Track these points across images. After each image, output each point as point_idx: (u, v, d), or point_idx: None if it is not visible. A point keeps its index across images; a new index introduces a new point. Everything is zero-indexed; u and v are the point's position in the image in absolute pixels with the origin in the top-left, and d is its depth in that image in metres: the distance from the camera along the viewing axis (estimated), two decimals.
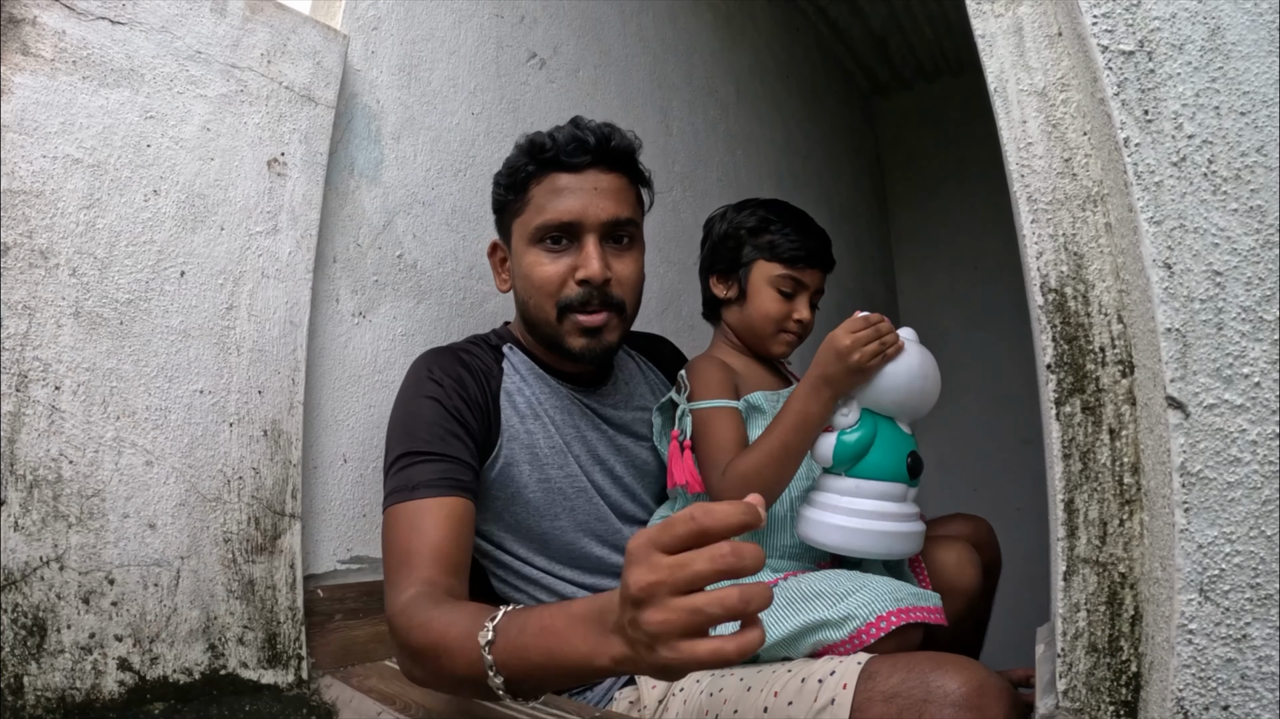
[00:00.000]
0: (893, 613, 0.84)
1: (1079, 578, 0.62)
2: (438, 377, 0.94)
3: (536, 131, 0.99)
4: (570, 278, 0.95)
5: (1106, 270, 0.64)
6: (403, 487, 0.87)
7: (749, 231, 1.10)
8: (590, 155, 0.95)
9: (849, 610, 0.85)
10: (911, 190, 3.54)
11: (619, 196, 0.97)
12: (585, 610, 0.60)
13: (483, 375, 0.98)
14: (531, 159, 0.96)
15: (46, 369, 0.77)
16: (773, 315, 1.08)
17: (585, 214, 0.94)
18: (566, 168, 0.95)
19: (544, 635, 0.62)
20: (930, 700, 0.70)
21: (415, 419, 0.92)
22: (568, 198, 0.94)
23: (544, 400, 1.02)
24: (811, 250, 1.08)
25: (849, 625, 0.84)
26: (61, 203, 0.80)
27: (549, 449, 1.00)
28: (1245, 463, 0.53)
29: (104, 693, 0.77)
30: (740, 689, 0.84)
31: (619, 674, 0.67)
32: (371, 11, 1.19)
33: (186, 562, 0.86)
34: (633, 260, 0.99)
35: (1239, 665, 0.53)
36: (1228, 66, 0.56)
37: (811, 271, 1.09)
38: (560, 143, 0.95)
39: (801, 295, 1.09)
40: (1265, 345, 0.53)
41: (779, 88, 2.60)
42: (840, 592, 0.87)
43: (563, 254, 0.96)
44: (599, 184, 0.95)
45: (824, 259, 1.11)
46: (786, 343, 1.10)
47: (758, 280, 1.09)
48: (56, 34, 0.81)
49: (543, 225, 0.95)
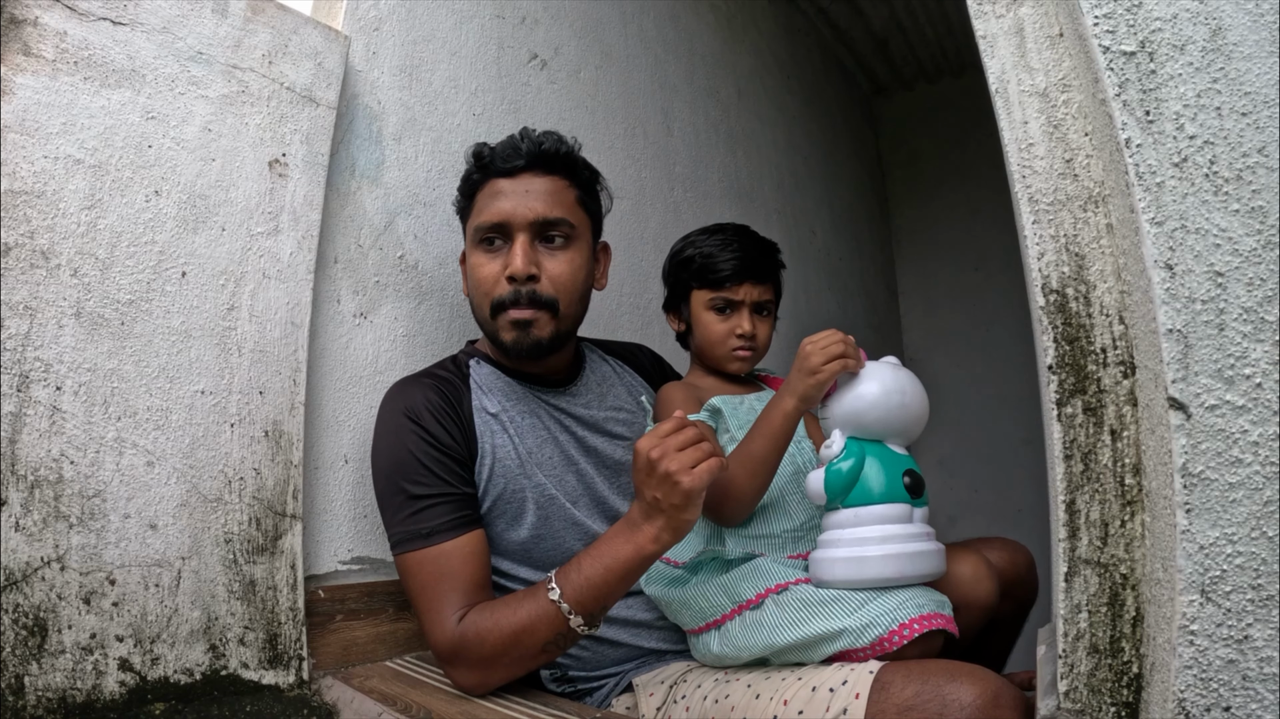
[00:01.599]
0: (915, 620, 0.83)
1: (1080, 579, 0.62)
2: (415, 412, 0.96)
3: (481, 143, 1.04)
4: (502, 276, 1.00)
5: (1108, 271, 0.64)
6: (416, 534, 0.91)
7: (679, 265, 1.13)
8: (523, 160, 1.01)
9: (870, 618, 0.84)
10: (912, 191, 3.54)
11: (551, 198, 1.01)
12: (615, 528, 0.86)
13: (454, 398, 1.00)
14: (476, 167, 1.04)
15: (48, 369, 0.77)
16: (714, 337, 1.10)
17: (514, 214, 0.99)
18: (502, 173, 1.01)
19: (596, 561, 0.84)
20: (945, 714, 0.70)
21: (406, 461, 0.94)
22: (501, 200, 1.00)
23: (511, 408, 1.03)
24: (735, 267, 1.08)
25: (870, 633, 0.83)
26: (63, 203, 0.80)
27: (521, 461, 1.01)
28: (1247, 464, 0.53)
29: (105, 693, 0.77)
30: (749, 696, 0.84)
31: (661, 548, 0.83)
32: (373, 12, 1.19)
33: (187, 562, 0.86)
34: (566, 260, 1.02)
35: (1240, 666, 0.53)
36: (1229, 67, 0.56)
37: (743, 286, 1.08)
38: (497, 151, 1.02)
39: (739, 311, 1.09)
40: (1267, 346, 0.53)
41: (780, 88, 2.60)
42: (860, 597, 0.86)
43: (497, 254, 1.01)
44: (530, 187, 1.01)
45: (752, 271, 1.09)
46: (741, 358, 1.10)
47: (696, 308, 1.11)
48: (58, 35, 0.81)
49: (479, 226, 1.01)
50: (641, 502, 0.83)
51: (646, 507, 0.82)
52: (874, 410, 0.90)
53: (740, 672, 0.90)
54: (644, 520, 0.83)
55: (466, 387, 1.03)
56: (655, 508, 0.81)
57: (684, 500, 0.79)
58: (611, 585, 0.84)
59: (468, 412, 1.00)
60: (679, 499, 0.79)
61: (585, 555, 0.86)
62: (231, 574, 0.89)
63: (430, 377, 1.02)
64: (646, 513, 0.82)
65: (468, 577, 0.90)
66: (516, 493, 1.00)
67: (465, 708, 0.86)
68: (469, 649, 0.86)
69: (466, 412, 1.00)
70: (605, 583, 0.84)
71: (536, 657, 0.88)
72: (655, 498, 0.80)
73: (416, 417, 0.96)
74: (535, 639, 0.85)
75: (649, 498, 0.81)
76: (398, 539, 0.93)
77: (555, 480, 1.03)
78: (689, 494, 0.78)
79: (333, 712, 0.90)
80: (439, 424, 0.96)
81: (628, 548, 0.83)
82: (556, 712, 0.86)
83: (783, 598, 0.90)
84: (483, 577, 0.92)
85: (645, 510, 0.82)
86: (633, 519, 0.84)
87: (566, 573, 0.86)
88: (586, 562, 0.85)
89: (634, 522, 0.84)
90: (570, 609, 0.84)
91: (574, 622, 0.84)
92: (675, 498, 0.79)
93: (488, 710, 0.85)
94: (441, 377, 1.02)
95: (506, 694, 0.90)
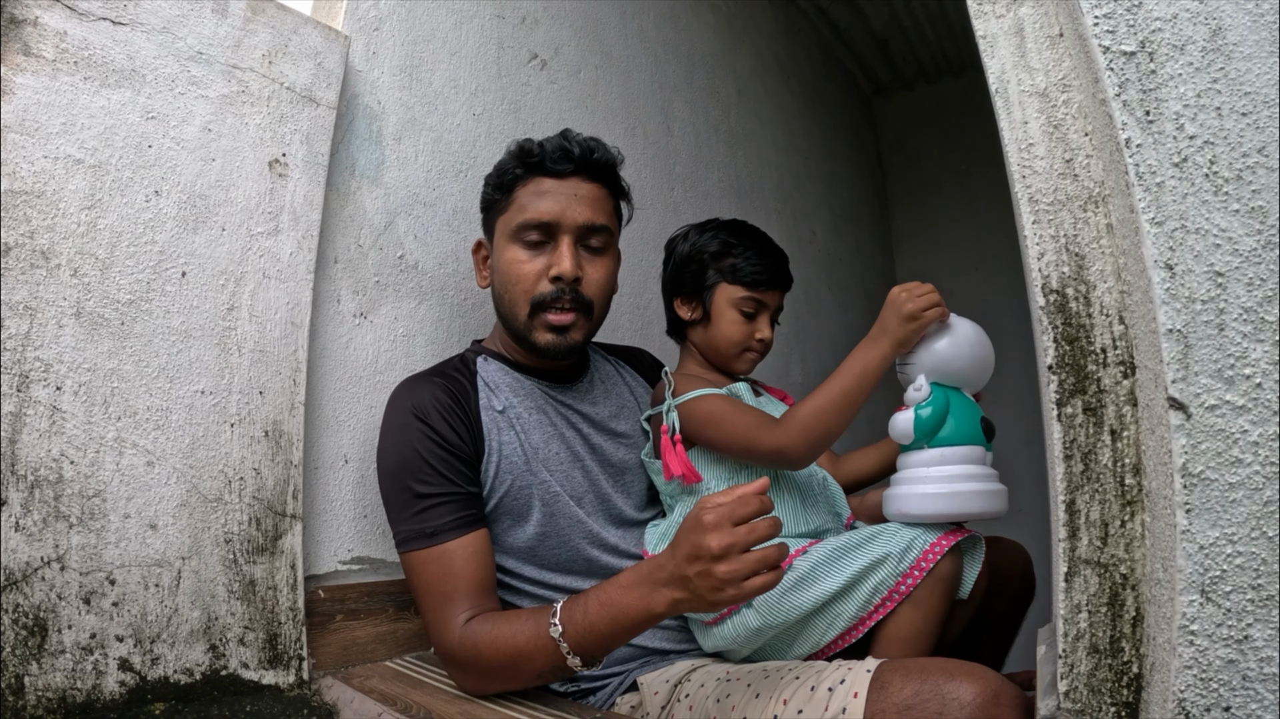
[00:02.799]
0: (943, 538, 0.91)
1: (1080, 579, 0.62)
2: (423, 410, 0.96)
3: (527, 139, 1.04)
4: (544, 275, 1.00)
5: (1108, 271, 0.64)
6: (421, 534, 0.91)
7: (711, 256, 1.12)
8: (573, 164, 1.01)
9: (907, 542, 0.91)
10: (912, 191, 3.54)
11: (596, 205, 1.03)
12: (633, 578, 0.81)
13: (461, 397, 1.00)
14: (520, 163, 1.03)
15: (48, 369, 0.77)
16: (736, 337, 1.11)
17: (563, 215, 1.00)
18: (551, 173, 1.01)
19: (605, 609, 0.81)
20: (945, 713, 0.70)
21: (412, 460, 0.94)
22: (548, 200, 1.00)
23: (517, 404, 1.03)
24: (773, 273, 1.11)
25: (911, 554, 0.91)
26: (63, 203, 0.80)
27: (527, 458, 1.01)
28: (1247, 464, 0.53)
29: (105, 693, 0.77)
30: (748, 696, 0.84)
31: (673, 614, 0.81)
32: (373, 12, 1.19)
33: (187, 562, 0.86)
34: (603, 266, 1.04)
35: (1240, 666, 0.53)
36: (1229, 67, 0.56)
37: (772, 293, 1.13)
38: (548, 150, 1.01)
39: (763, 315, 1.12)
40: (1267, 346, 0.53)
41: (780, 88, 2.60)
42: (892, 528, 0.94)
43: (539, 253, 1.01)
44: (578, 191, 1.02)
45: (784, 280, 1.14)
46: (750, 361, 1.14)
47: (720, 303, 1.11)
48: (58, 35, 0.81)
49: (524, 223, 1.00)
50: (676, 566, 0.77)
51: (679, 578, 0.77)
52: (959, 360, 0.97)
53: (741, 671, 0.90)
54: (667, 586, 0.78)
55: (474, 386, 1.03)
56: (686, 585, 0.76)
57: (722, 601, 0.75)
58: (616, 637, 0.82)
59: (475, 411, 1.00)
60: (716, 599, 0.75)
61: (596, 598, 0.82)
62: (231, 574, 0.89)
63: (439, 375, 1.02)
64: (674, 582, 0.78)
65: (470, 576, 0.90)
66: (523, 490, 1.00)
67: (465, 708, 0.86)
68: (466, 658, 0.87)
69: (474, 411, 1.00)
70: (610, 634, 0.81)
71: (532, 680, 0.87)
72: (690, 578, 0.75)
73: (424, 415, 0.96)
74: (531, 666, 0.85)
75: (686, 573, 0.76)
76: (403, 538, 0.93)
77: (561, 478, 1.03)
78: (730, 601, 0.74)
79: (333, 712, 0.90)
80: (446, 423, 0.96)
81: (639, 606, 0.80)
82: (556, 712, 0.86)
83: (809, 555, 0.96)
84: (486, 576, 0.92)
85: (674, 579, 0.77)
86: (657, 577, 0.79)
87: (572, 611, 0.83)
88: (595, 606, 0.82)
89: (656, 581, 0.79)
90: (570, 650, 0.82)
91: (571, 661, 0.83)
92: (712, 596, 0.75)
93: (488, 710, 0.85)
94: (449, 375, 1.02)
95: (506, 694, 0.90)
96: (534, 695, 0.91)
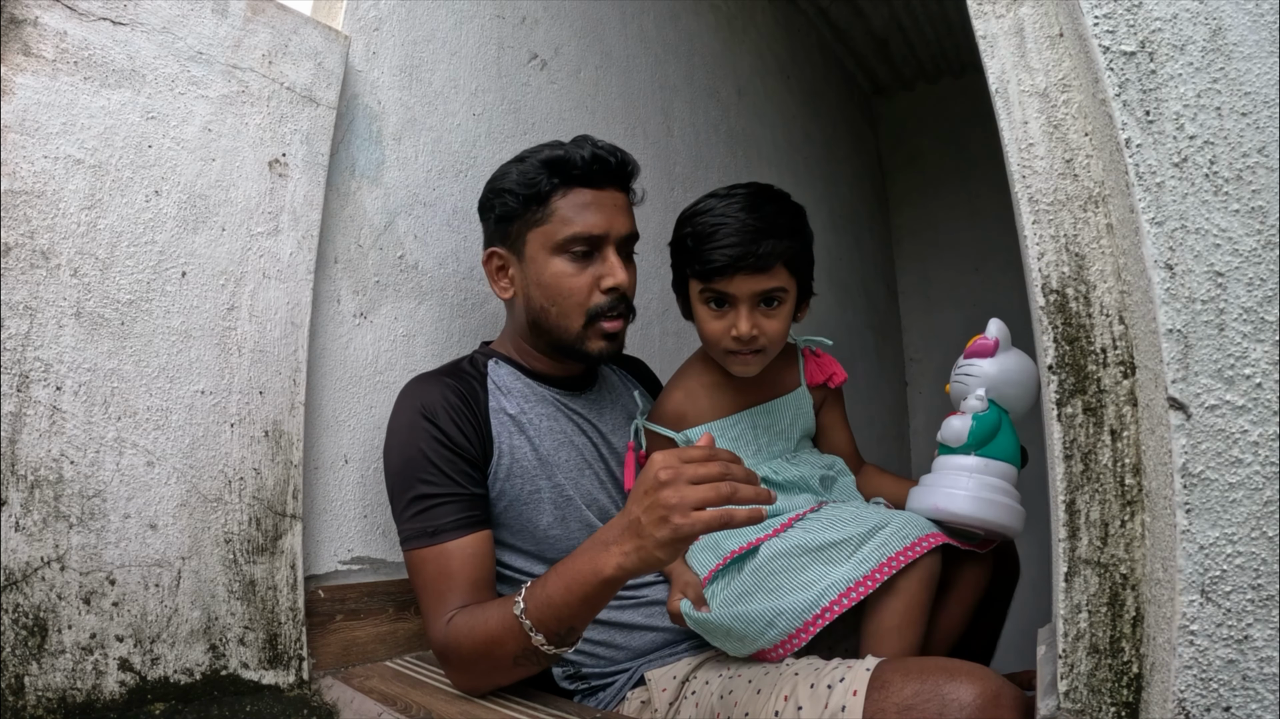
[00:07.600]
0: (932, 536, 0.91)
1: (1080, 579, 0.62)
2: (431, 410, 0.96)
3: (552, 146, 1.02)
4: (595, 287, 1.01)
5: (1108, 271, 0.64)
6: (423, 532, 0.92)
7: (674, 247, 1.03)
8: (611, 175, 1.03)
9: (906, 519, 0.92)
10: (912, 191, 3.54)
11: (629, 214, 1.05)
12: (587, 544, 0.80)
13: (471, 398, 1.00)
14: (556, 173, 1.00)
15: (48, 369, 0.77)
16: (708, 336, 1.00)
17: (611, 228, 1.01)
18: (590, 184, 1.01)
19: (559, 578, 0.80)
20: (945, 713, 0.70)
21: (419, 459, 0.94)
22: (593, 212, 1.00)
23: (530, 410, 1.04)
24: (728, 258, 0.92)
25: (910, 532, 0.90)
26: (63, 203, 0.80)
27: (540, 462, 1.01)
28: (1247, 464, 0.53)
29: (105, 693, 0.77)
30: (750, 692, 0.85)
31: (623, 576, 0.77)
32: (373, 12, 1.19)
33: (187, 562, 0.86)
34: (634, 272, 1.07)
35: (1240, 667, 0.53)
36: (1229, 67, 0.56)
37: (738, 279, 0.93)
38: (587, 160, 1.00)
39: (736, 308, 0.95)
40: (1267, 346, 0.53)
41: (780, 88, 2.60)
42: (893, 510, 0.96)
43: (586, 264, 1.01)
44: (617, 201, 1.03)
45: (746, 261, 0.92)
46: (742, 362, 0.99)
47: (694, 299, 1.01)
48: (58, 35, 0.81)
49: (572, 236, 1.00)
50: (625, 515, 0.76)
51: (627, 523, 0.75)
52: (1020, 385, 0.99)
53: (743, 668, 0.91)
54: (615, 539, 0.76)
55: (484, 387, 1.03)
56: (634, 530, 0.74)
57: (667, 537, 0.72)
58: (572, 607, 0.79)
59: (484, 413, 1.00)
60: (662, 534, 0.72)
61: (554, 569, 0.81)
62: (231, 574, 0.89)
63: (449, 375, 1.02)
64: (622, 531, 0.76)
65: (468, 577, 0.90)
66: (534, 494, 1.00)
67: (465, 708, 0.86)
68: (451, 651, 0.87)
69: (483, 413, 1.00)
70: (565, 603, 0.79)
71: (511, 669, 0.85)
72: (639, 519, 0.74)
73: (432, 415, 0.96)
74: (505, 652, 0.83)
75: (633, 514, 0.75)
76: (405, 535, 0.94)
77: (572, 483, 1.04)
78: (674, 534, 0.71)
79: (333, 712, 0.90)
80: (454, 424, 0.96)
81: (589, 568, 0.77)
82: (556, 712, 0.86)
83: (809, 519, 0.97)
84: (484, 577, 0.92)
85: (623, 528, 0.76)
86: (606, 537, 0.78)
87: (533, 588, 0.82)
88: (551, 578, 0.80)
89: (605, 540, 0.78)
90: (532, 626, 0.80)
91: (535, 638, 0.80)
92: (659, 531, 0.72)
93: (488, 710, 0.85)
94: (460, 376, 1.02)
95: (507, 694, 0.90)
96: (534, 695, 0.91)
